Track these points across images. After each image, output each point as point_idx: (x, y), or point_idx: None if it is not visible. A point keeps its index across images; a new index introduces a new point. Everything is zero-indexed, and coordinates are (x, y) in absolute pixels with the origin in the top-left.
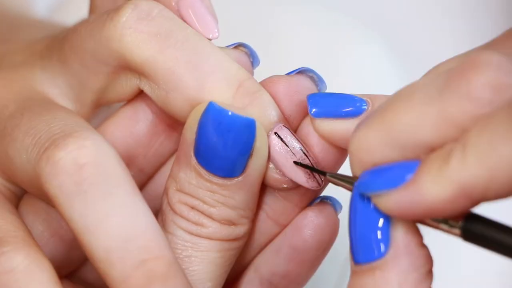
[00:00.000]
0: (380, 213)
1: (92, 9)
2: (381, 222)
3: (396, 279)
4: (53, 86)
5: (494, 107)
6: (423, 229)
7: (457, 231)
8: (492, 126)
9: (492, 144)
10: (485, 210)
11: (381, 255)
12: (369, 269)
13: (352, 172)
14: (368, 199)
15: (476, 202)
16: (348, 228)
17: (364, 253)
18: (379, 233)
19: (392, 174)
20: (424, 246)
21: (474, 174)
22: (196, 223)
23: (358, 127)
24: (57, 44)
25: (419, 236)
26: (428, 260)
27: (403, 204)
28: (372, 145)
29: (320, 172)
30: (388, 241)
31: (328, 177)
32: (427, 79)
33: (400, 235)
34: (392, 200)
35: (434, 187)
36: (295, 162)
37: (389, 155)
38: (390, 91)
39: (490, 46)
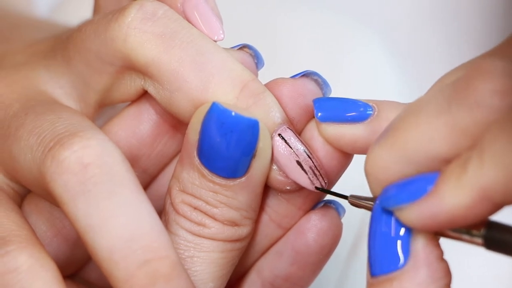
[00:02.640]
0: (401, 225)
1: (96, 9)
2: (402, 233)
3: None
4: (57, 86)
5: (504, 111)
6: None
7: (479, 240)
8: (506, 128)
9: (508, 146)
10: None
11: (400, 266)
12: (387, 280)
13: (371, 192)
14: (389, 214)
15: (498, 206)
16: (368, 243)
17: (382, 265)
18: (399, 245)
19: (413, 187)
20: (443, 260)
21: (493, 177)
22: (199, 224)
23: (371, 147)
24: (61, 44)
25: (439, 249)
26: (447, 274)
27: (426, 215)
28: (387, 164)
29: (341, 196)
30: (408, 253)
31: (349, 199)
32: (433, 92)
33: (420, 247)
34: (414, 212)
35: (455, 194)
36: (316, 188)
37: (404, 172)
38: (391, 92)
39: (493, 52)
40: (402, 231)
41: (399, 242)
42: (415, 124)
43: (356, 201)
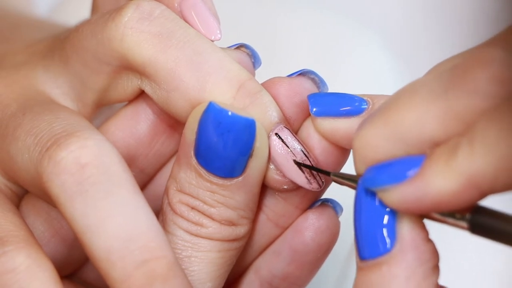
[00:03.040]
0: (386, 208)
1: (94, 9)
2: (387, 217)
3: (403, 273)
4: (55, 86)
5: (499, 100)
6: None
7: (464, 224)
8: (499, 118)
9: (500, 135)
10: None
11: (387, 250)
12: (376, 265)
13: (356, 170)
14: (373, 195)
15: (484, 194)
16: (353, 224)
17: (370, 249)
18: (385, 228)
19: (397, 168)
20: (430, 241)
21: (483, 165)
22: (196, 223)
23: (361, 124)
24: (59, 44)
25: (425, 231)
26: (435, 254)
27: (410, 198)
28: (376, 142)
29: (323, 172)
30: (394, 236)
31: (332, 176)
32: (430, 76)
33: (406, 230)
34: (398, 194)
35: (442, 180)
36: (298, 163)
37: (393, 152)
38: (390, 92)
39: (492, 42)
40: (387, 214)
41: (384, 225)
42: (410, 105)
43: (339, 179)
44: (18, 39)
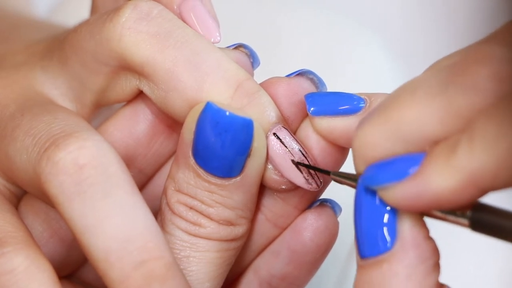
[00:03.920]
0: (386, 206)
1: (93, 9)
2: (387, 215)
3: (404, 271)
4: (54, 87)
5: (499, 97)
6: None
7: (465, 221)
8: (499, 114)
9: (500, 132)
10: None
11: (388, 249)
12: (376, 263)
13: (356, 169)
14: (373, 193)
15: (484, 192)
16: (353, 223)
17: (370, 247)
18: (385, 226)
19: (397, 166)
20: (430, 239)
21: (483, 162)
22: (194, 223)
23: (361, 123)
24: (57, 45)
25: (426, 229)
26: (435, 252)
27: (410, 196)
28: (375, 140)
29: (323, 171)
30: (394, 234)
31: (331, 175)
32: (429, 73)
33: (406, 228)
34: (398, 192)
35: (442, 177)
36: (297, 163)
37: (392, 150)
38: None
39: (490, 39)
40: (387, 212)
41: (385, 223)
42: (410, 102)
43: (339, 178)
44: (17, 39)
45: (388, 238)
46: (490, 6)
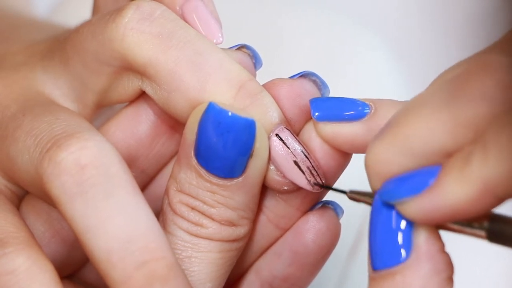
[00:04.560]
0: (402, 219)
1: (95, 10)
2: (403, 228)
3: (418, 283)
4: (55, 87)
5: (508, 105)
6: None
7: (482, 233)
8: (510, 122)
9: None
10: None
11: (402, 261)
12: (389, 274)
13: (371, 185)
14: (390, 208)
15: (501, 200)
16: (368, 236)
17: (384, 259)
18: (400, 239)
19: (415, 180)
20: (445, 253)
21: (497, 170)
22: (196, 224)
23: (372, 141)
24: (59, 45)
25: (441, 242)
26: (449, 266)
27: (428, 209)
28: (388, 157)
29: (340, 191)
30: (410, 247)
31: (348, 194)
32: (434, 87)
33: (422, 241)
34: (416, 206)
35: (458, 188)
36: (320, 184)
37: (406, 165)
38: (392, 93)
39: (494, 48)
40: (404, 225)
41: (400, 236)
42: (418, 117)
43: (356, 196)
44: (17, 39)
45: (403, 251)
46: (490, 7)
